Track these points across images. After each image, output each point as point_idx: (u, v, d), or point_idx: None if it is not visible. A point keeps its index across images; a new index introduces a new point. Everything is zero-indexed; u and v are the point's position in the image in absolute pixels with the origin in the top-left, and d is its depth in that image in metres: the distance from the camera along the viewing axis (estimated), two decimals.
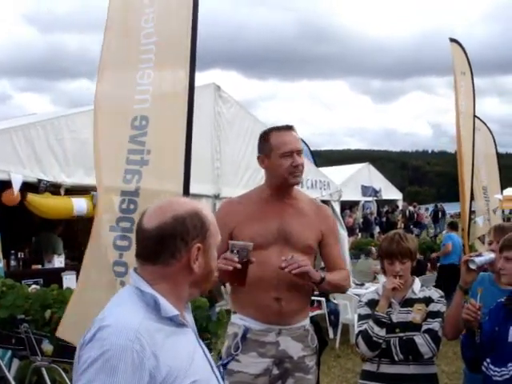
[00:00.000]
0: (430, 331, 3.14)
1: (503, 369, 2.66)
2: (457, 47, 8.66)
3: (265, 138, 3.11)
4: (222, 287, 7.79)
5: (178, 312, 1.67)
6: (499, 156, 12.86)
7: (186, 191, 4.02)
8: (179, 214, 1.69)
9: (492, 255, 3.17)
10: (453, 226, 12.47)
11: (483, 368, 2.76)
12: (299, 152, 3.06)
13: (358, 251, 13.35)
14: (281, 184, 3.10)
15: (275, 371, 3.01)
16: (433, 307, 3.21)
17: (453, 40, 8.69)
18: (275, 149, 3.05)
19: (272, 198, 3.12)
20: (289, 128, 3.11)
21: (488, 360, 2.75)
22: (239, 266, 2.70)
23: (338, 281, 3.17)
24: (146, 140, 4.33)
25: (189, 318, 1.82)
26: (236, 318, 3.11)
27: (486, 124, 11.41)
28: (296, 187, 3.24)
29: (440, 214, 30.90)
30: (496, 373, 2.68)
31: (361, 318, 3.33)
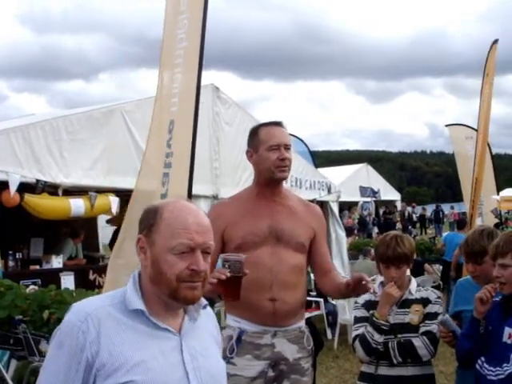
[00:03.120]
0: (428, 333, 3.14)
1: (498, 368, 2.66)
2: (496, 49, 8.71)
3: (254, 132, 3.13)
4: None
5: (140, 307, 1.70)
6: (494, 158, 12.95)
7: (189, 193, 4.03)
8: (147, 207, 1.82)
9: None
10: (458, 226, 12.49)
11: (477, 366, 2.75)
12: (287, 146, 3.05)
13: (356, 252, 13.35)
14: (268, 179, 3.08)
15: (270, 373, 2.99)
16: (430, 308, 3.20)
17: (495, 42, 8.74)
18: (263, 142, 3.05)
19: (262, 197, 3.11)
20: (277, 123, 3.13)
21: (482, 359, 2.74)
22: (228, 274, 2.60)
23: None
24: (172, 143, 4.38)
25: (188, 323, 1.80)
26: (231, 320, 3.08)
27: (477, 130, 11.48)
28: (285, 187, 3.24)
29: (440, 214, 30.92)
30: (491, 372, 2.68)
31: (357, 320, 3.31)
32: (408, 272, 3.36)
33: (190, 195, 4.09)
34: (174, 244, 1.70)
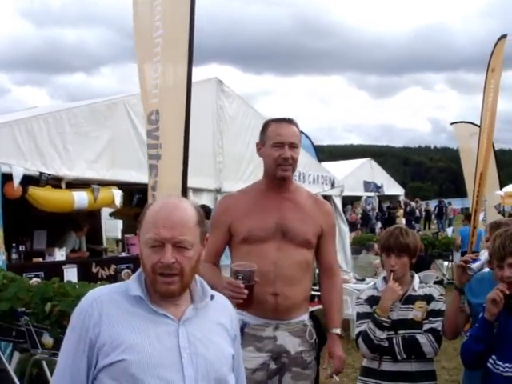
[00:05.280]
0: (433, 331, 3.13)
1: None
2: (503, 44, 8.68)
3: (264, 126, 3.16)
4: None
5: (138, 294, 1.83)
6: (497, 153, 12.98)
7: (184, 185, 4.01)
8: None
9: (487, 253, 3.15)
10: (467, 217, 13.13)
11: (489, 365, 2.71)
12: (292, 145, 3.04)
13: (359, 246, 13.36)
14: (271, 175, 3.11)
15: (272, 366, 3.00)
16: (434, 306, 3.19)
17: (503, 36, 8.73)
18: (269, 138, 3.08)
19: (270, 192, 3.12)
20: (288, 121, 3.12)
21: (494, 357, 2.70)
22: (246, 292, 2.70)
23: (340, 306, 3.27)
24: (159, 134, 4.34)
25: (189, 312, 1.88)
26: None
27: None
28: (295, 182, 3.26)
29: (444, 209, 30.89)
30: (507, 369, 2.64)
31: (359, 316, 3.29)
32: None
33: (184, 187, 4.08)
34: (146, 238, 1.83)
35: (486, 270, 3.28)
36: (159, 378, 1.75)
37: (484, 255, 3.13)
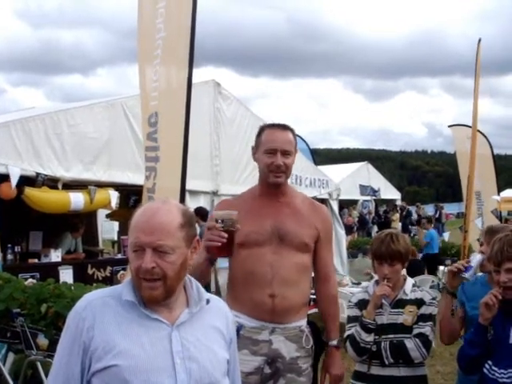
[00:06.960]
0: (421, 336, 3.10)
1: (510, 370, 2.63)
2: (480, 48, 8.80)
3: (260, 131, 3.13)
4: (220, 284, 7.79)
5: (130, 298, 1.83)
6: (495, 158, 13.00)
7: (183, 187, 4.01)
8: None
9: (478, 256, 3.15)
10: (429, 221, 14.11)
11: (485, 370, 2.71)
12: (285, 152, 3.01)
13: (355, 250, 13.36)
14: (264, 181, 3.10)
15: (267, 370, 2.97)
16: (425, 310, 3.16)
17: (479, 41, 8.85)
18: (263, 144, 3.06)
19: (265, 197, 3.11)
20: (283, 127, 3.09)
21: (489, 362, 2.70)
22: (225, 235, 2.62)
23: (336, 315, 3.23)
24: (158, 137, 4.34)
25: (184, 316, 1.87)
26: None
27: (479, 130, 11.50)
28: (291, 186, 3.24)
29: (440, 214, 30.91)
30: (502, 375, 2.64)
31: (350, 320, 3.27)
32: (404, 271, 3.32)
33: (183, 190, 4.08)
34: (130, 242, 1.84)
35: (480, 274, 3.29)
36: (151, 383, 1.75)
37: (475, 260, 3.14)
